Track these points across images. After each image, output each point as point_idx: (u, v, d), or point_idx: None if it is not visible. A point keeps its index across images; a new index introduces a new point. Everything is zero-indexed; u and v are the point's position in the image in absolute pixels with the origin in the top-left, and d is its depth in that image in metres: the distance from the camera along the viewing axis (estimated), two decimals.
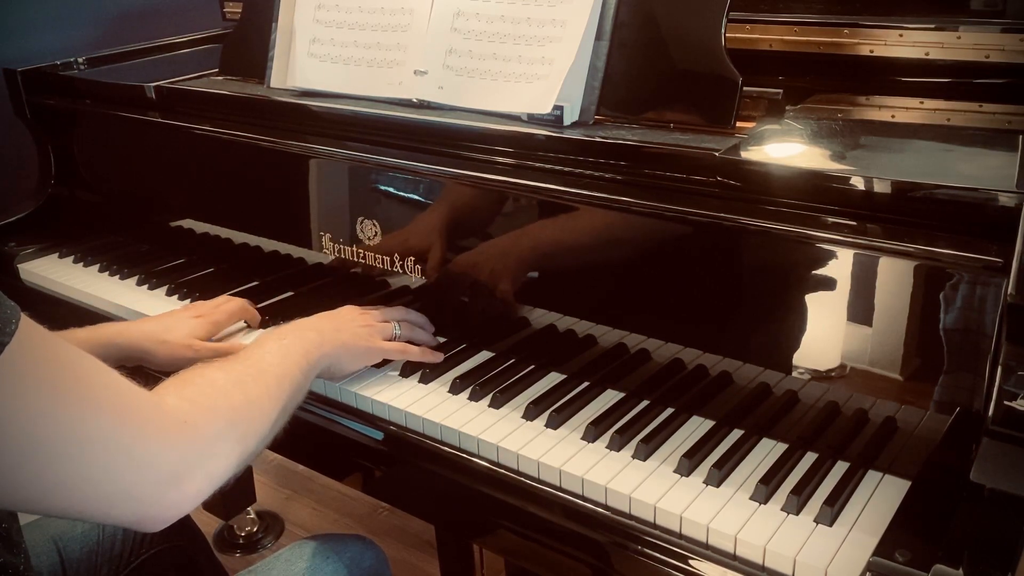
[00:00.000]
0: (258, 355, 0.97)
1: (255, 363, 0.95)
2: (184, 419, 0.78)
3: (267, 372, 0.94)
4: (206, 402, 0.82)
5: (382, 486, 1.17)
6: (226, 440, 0.82)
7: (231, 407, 0.85)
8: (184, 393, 0.82)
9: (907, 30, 1.19)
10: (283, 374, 0.96)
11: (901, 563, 0.75)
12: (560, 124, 1.16)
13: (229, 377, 0.89)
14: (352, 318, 1.16)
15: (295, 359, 1.00)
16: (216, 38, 1.90)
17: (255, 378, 0.91)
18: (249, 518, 2.21)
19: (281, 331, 1.06)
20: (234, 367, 0.92)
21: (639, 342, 1.10)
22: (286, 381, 0.96)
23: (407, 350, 1.17)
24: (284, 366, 0.97)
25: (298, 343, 1.03)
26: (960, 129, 1.15)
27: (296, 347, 1.02)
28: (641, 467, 0.97)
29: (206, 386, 0.85)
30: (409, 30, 1.31)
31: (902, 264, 0.89)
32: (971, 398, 0.87)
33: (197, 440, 0.78)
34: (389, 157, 1.24)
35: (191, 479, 0.77)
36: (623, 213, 1.05)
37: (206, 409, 0.82)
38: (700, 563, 0.87)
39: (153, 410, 0.76)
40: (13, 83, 1.68)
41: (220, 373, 0.89)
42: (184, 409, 0.79)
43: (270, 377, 0.94)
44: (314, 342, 1.06)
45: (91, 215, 1.71)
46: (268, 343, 1.01)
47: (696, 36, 1.12)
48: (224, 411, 0.84)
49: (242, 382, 0.89)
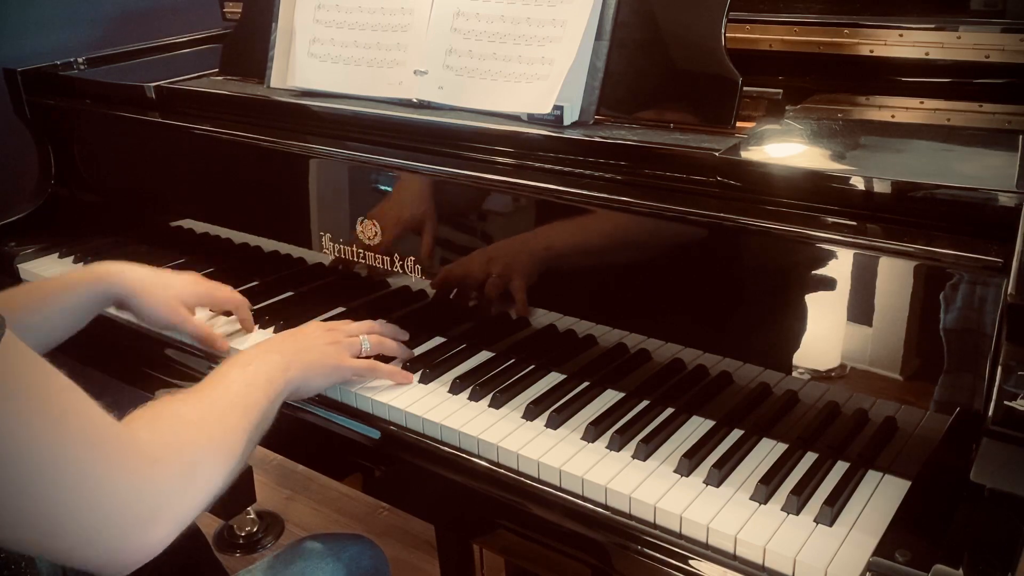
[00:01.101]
0: (224, 385, 0.95)
1: (221, 395, 0.93)
2: (156, 457, 0.75)
3: (234, 404, 0.92)
4: (176, 440, 0.80)
5: (382, 486, 1.17)
6: (194, 481, 0.80)
7: (200, 446, 0.83)
8: (155, 429, 0.80)
9: (907, 30, 1.19)
10: (249, 404, 0.94)
11: (901, 563, 0.75)
12: (560, 124, 1.16)
13: (197, 412, 0.87)
14: (318, 335, 1.13)
15: (260, 386, 0.98)
16: (216, 38, 1.90)
17: (223, 413, 0.90)
18: (249, 518, 2.21)
19: (245, 357, 1.03)
20: (201, 401, 0.90)
21: (639, 342, 1.10)
22: (252, 411, 0.94)
23: (376, 368, 1.14)
24: (250, 396, 0.95)
25: (263, 369, 1.01)
26: (960, 129, 1.15)
27: (261, 374, 1.00)
28: (641, 467, 0.97)
29: (176, 422, 0.83)
30: (409, 30, 1.31)
31: (902, 264, 0.89)
32: (971, 398, 0.87)
33: (166, 482, 0.76)
34: (389, 157, 1.24)
35: (158, 523, 0.74)
36: (623, 213, 1.05)
37: (177, 448, 0.79)
38: (700, 563, 0.87)
39: (126, 445, 0.73)
40: (13, 83, 1.68)
41: (188, 408, 0.87)
42: (156, 446, 0.77)
43: (237, 410, 0.92)
44: (279, 366, 1.03)
45: (91, 215, 1.71)
46: (233, 371, 0.98)
47: (696, 36, 1.12)
48: (193, 450, 0.82)
49: (210, 418, 0.88)
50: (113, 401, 0.77)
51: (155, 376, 1.37)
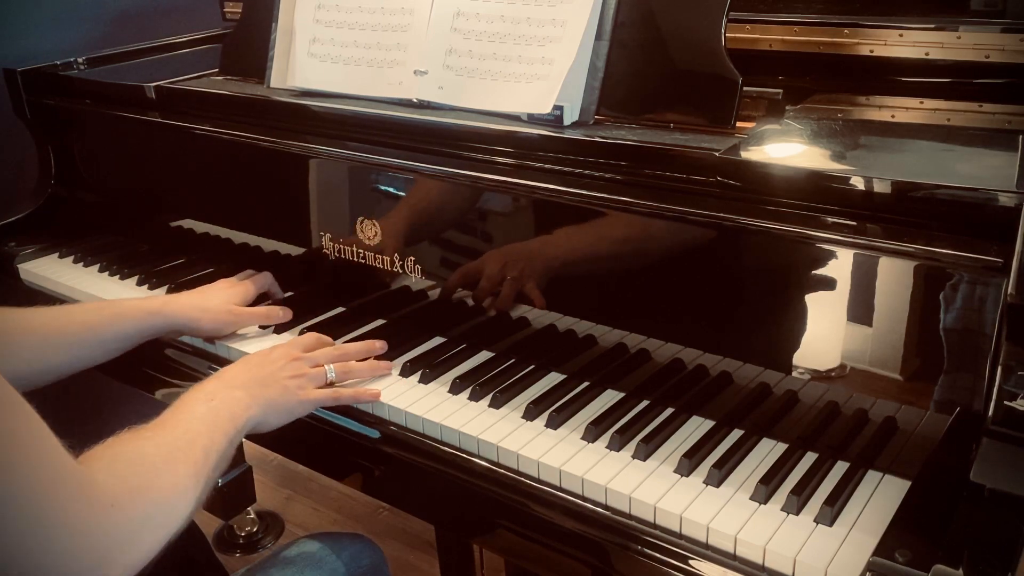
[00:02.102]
0: (187, 421, 0.94)
1: (184, 432, 0.91)
2: (112, 502, 0.74)
3: (195, 444, 0.90)
4: (136, 482, 0.79)
5: (382, 486, 1.17)
6: (150, 526, 0.79)
7: (159, 488, 0.82)
8: (114, 470, 0.78)
9: (907, 30, 1.19)
10: (210, 445, 0.92)
11: (901, 563, 0.75)
12: (560, 124, 1.16)
13: (159, 452, 0.86)
14: (282, 367, 1.10)
15: (222, 426, 0.96)
16: (216, 38, 1.90)
17: (184, 452, 0.88)
18: (249, 518, 2.21)
19: (209, 389, 1.01)
20: (164, 438, 0.89)
21: (639, 342, 1.10)
22: (212, 452, 0.92)
23: (339, 395, 1.13)
24: (211, 436, 0.94)
25: (226, 406, 0.99)
26: (960, 129, 1.15)
27: (224, 411, 0.98)
28: (641, 467, 0.97)
29: (137, 462, 0.82)
30: (409, 30, 1.31)
31: (902, 264, 0.89)
32: (971, 398, 0.87)
33: (123, 526, 0.75)
34: (389, 157, 1.24)
35: (111, 568, 0.73)
36: (623, 213, 1.05)
37: (135, 490, 0.78)
38: (700, 563, 0.87)
39: (84, 487, 0.72)
40: (13, 83, 1.68)
41: (151, 446, 0.86)
42: (113, 490, 0.75)
43: (198, 450, 0.90)
44: (242, 403, 1.01)
45: (91, 215, 1.71)
46: (198, 406, 0.97)
47: (696, 36, 1.12)
48: (152, 493, 0.80)
49: (172, 458, 0.86)
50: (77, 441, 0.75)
51: (155, 376, 1.37)
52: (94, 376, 1.42)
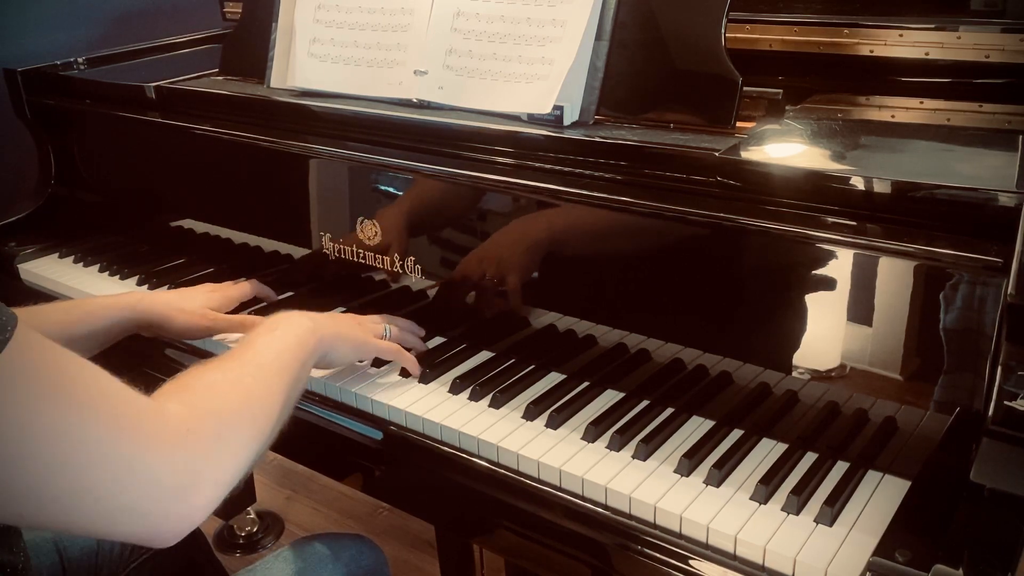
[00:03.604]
0: (253, 350, 0.94)
1: (252, 359, 0.92)
2: (187, 427, 0.76)
3: (265, 367, 0.92)
4: (207, 406, 0.80)
5: (382, 486, 1.17)
6: (231, 444, 0.80)
7: (233, 410, 0.83)
8: (184, 398, 0.80)
9: (907, 30, 1.19)
10: (281, 366, 0.93)
11: (901, 563, 0.75)
12: (560, 124, 1.16)
13: (227, 377, 0.87)
14: (342, 315, 1.15)
15: (291, 349, 0.97)
16: (216, 38, 1.90)
17: (254, 376, 0.89)
18: (249, 518, 2.21)
19: (272, 322, 1.02)
20: (231, 366, 0.89)
21: (639, 342, 1.10)
22: (286, 373, 0.93)
23: (401, 352, 1.15)
24: (282, 359, 0.95)
25: (292, 331, 1.00)
26: (960, 129, 1.15)
27: (290, 336, 0.99)
28: (641, 467, 0.97)
29: (205, 390, 0.83)
30: (409, 30, 1.31)
31: (902, 264, 0.89)
32: (971, 398, 0.87)
33: (202, 448, 0.76)
34: (389, 157, 1.24)
35: (198, 490, 0.74)
36: (623, 213, 1.05)
37: (208, 414, 0.79)
38: (700, 563, 0.87)
39: (155, 419, 0.73)
40: (13, 83, 1.68)
41: (218, 374, 0.87)
42: (186, 416, 0.77)
43: (269, 372, 0.91)
44: (308, 328, 1.02)
45: (91, 215, 1.71)
46: (260, 337, 0.97)
47: (696, 36, 1.12)
48: (227, 415, 0.81)
49: (241, 381, 0.87)
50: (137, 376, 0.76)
51: (155, 376, 1.36)
52: None
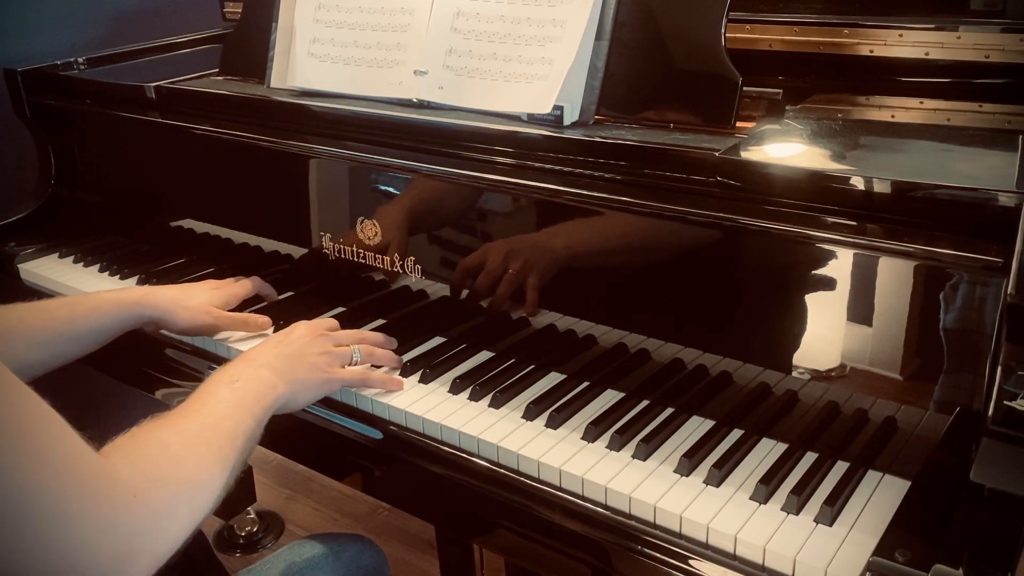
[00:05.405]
0: (211, 405, 0.91)
1: (208, 416, 0.89)
2: (134, 493, 0.73)
3: (220, 428, 0.88)
4: (157, 472, 0.77)
5: (382, 486, 1.17)
6: (175, 515, 0.77)
7: (183, 478, 0.80)
8: (135, 460, 0.77)
9: (907, 30, 1.19)
10: (236, 428, 0.90)
11: (901, 563, 0.75)
12: (560, 124, 1.16)
13: (181, 439, 0.84)
14: (307, 344, 1.09)
15: (248, 406, 0.94)
16: (216, 38, 1.90)
17: (208, 439, 0.86)
18: (249, 518, 2.21)
19: (233, 372, 0.99)
20: (187, 425, 0.86)
21: (639, 342, 1.10)
22: (240, 435, 0.90)
23: (368, 377, 1.12)
24: (237, 417, 0.92)
25: (252, 386, 0.97)
26: (960, 129, 1.15)
27: (250, 391, 0.96)
28: (641, 467, 0.97)
29: (158, 452, 0.80)
30: (409, 30, 1.31)
31: (902, 264, 0.89)
32: (971, 398, 0.87)
33: (146, 518, 0.73)
34: (389, 157, 1.24)
35: (136, 560, 0.71)
36: (623, 213, 1.05)
37: (157, 481, 0.76)
38: (700, 563, 0.87)
39: (103, 480, 0.71)
40: (13, 83, 1.68)
41: (172, 434, 0.84)
42: (135, 481, 0.74)
43: (223, 434, 0.88)
44: (268, 383, 0.99)
45: (91, 215, 1.71)
46: (221, 389, 0.95)
47: (696, 36, 1.12)
48: (175, 483, 0.79)
49: (194, 445, 0.84)
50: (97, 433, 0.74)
51: (155, 376, 1.37)
52: (94, 376, 1.42)
